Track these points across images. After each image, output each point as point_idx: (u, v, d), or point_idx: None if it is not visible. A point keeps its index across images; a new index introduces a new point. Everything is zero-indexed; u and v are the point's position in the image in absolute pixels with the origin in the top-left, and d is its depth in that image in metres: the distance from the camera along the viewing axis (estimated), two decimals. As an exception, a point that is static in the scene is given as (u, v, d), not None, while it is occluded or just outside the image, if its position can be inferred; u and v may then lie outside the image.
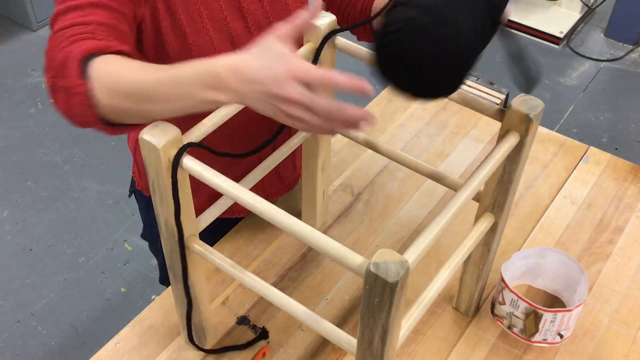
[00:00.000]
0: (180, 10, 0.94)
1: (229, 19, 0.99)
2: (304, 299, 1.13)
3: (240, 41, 1.01)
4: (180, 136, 0.78)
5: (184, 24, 0.95)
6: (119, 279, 2.19)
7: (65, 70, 0.77)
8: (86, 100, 0.76)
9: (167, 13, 0.94)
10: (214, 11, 0.98)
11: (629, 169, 1.38)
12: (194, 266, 0.92)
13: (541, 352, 1.06)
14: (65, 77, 0.77)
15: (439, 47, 0.69)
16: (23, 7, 3.12)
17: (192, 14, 0.96)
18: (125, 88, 0.75)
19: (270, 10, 1.03)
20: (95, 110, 0.77)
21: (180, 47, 0.96)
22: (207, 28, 0.97)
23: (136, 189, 1.27)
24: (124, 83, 0.75)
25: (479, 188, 0.80)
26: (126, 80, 0.75)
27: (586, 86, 3.04)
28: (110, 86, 0.75)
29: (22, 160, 2.58)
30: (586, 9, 3.40)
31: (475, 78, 1.66)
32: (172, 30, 0.95)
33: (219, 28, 0.99)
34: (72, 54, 0.77)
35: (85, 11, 0.83)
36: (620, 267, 1.20)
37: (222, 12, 0.98)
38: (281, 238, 1.23)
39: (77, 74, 0.76)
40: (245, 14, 1.01)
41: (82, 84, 0.75)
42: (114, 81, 0.75)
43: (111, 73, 0.76)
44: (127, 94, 0.75)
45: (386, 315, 0.68)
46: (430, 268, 1.18)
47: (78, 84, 0.75)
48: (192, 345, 1.04)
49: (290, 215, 0.72)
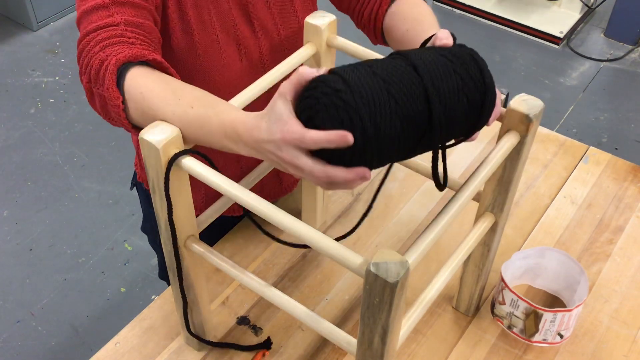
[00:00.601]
0: (189, 6, 0.95)
1: (237, 22, 1.00)
2: (304, 299, 1.13)
3: (246, 45, 1.02)
4: (180, 136, 0.78)
5: (192, 20, 0.96)
6: (119, 279, 2.19)
7: (101, 79, 0.80)
8: (121, 111, 0.80)
9: (177, 7, 0.94)
10: (223, 12, 0.98)
11: (629, 169, 1.38)
12: (194, 266, 0.92)
13: (541, 352, 1.06)
14: (101, 85, 0.81)
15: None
16: (23, 7, 3.12)
17: (201, 12, 0.96)
18: (153, 117, 0.79)
19: (278, 17, 1.04)
20: (129, 118, 0.82)
21: (186, 43, 0.96)
22: (214, 27, 0.98)
23: (137, 181, 1.27)
24: (152, 112, 0.79)
25: (479, 188, 0.80)
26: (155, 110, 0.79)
27: (586, 86, 3.04)
28: (140, 109, 0.80)
29: (22, 160, 2.58)
30: (586, 9, 3.40)
31: (475, 78, 1.65)
32: (180, 25, 0.95)
33: (226, 29, 0.99)
34: (107, 64, 0.80)
35: (110, 10, 0.84)
36: (620, 267, 1.20)
37: (230, 13, 0.99)
38: (281, 238, 1.23)
39: (113, 86, 0.79)
40: (253, 19, 1.02)
41: (118, 96, 0.79)
42: (144, 106, 0.79)
43: (142, 97, 0.79)
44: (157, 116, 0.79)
45: (386, 315, 0.68)
46: (430, 268, 1.18)
47: (115, 96, 0.80)
48: (194, 337, 1.04)
49: (290, 215, 0.72)
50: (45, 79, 2.96)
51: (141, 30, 0.85)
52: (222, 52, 1.00)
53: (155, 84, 0.80)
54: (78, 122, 2.75)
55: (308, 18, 0.94)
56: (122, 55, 0.80)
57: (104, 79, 0.80)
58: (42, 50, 3.10)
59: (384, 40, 1.05)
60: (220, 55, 1.00)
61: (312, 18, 0.94)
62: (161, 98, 0.79)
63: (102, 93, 0.81)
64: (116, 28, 0.83)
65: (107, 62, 0.80)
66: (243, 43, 1.02)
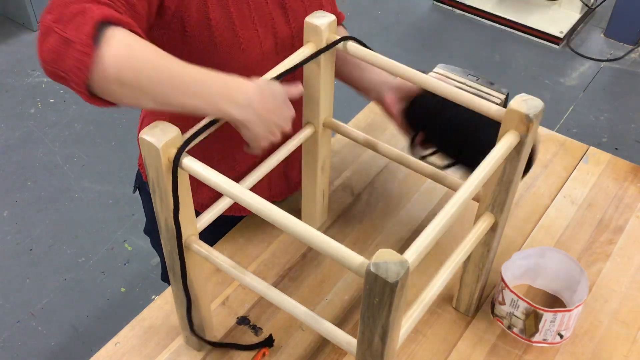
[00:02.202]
0: (231, 2, 0.95)
1: (274, 15, 1.00)
2: (304, 299, 1.13)
3: (282, 36, 1.02)
4: (180, 136, 0.78)
5: (234, 16, 0.95)
6: (119, 279, 2.19)
7: (76, 21, 0.72)
8: (87, 63, 0.71)
9: (219, 5, 0.93)
10: (261, 5, 0.99)
11: (629, 169, 1.38)
12: (194, 266, 0.92)
13: (541, 352, 1.06)
14: (73, 28, 0.72)
15: None
16: (23, 7, 3.12)
17: (241, 8, 0.96)
18: (143, 65, 0.74)
19: (309, 6, 1.05)
20: (89, 76, 0.72)
21: (230, 40, 0.96)
22: (254, 22, 0.98)
23: (142, 182, 1.26)
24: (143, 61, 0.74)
25: (479, 188, 0.80)
26: (147, 58, 0.74)
27: (586, 86, 3.04)
28: (126, 59, 0.73)
29: (22, 160, 2.58)
30: (586, 9, 3.40)
31: (475, 78, 1.65)
32: (223, 22, 0.94)
33: (264, 22, 0.99)
34: (90, 12, 0.72)
35: None
36: (620, 267, 1.20)
37: (267, 7, 1.00)
38: (281, 238, 1.23)
39: (90, 34, 0.71)
40: (288, 10, 1.02)
41: (91, 44, 0.71)
42: (132, 55, 0.73)
43: (131, 46, 0.74)
44: (144, 71, 0.74)
45: (386, 315, 0.68)
46: (430, 268, 1.18)
47: (87, 43, 0.71)
48: (195, 337, 1.04)
49: (290, 215, 0.72)
50: (45, 79, 2.96)
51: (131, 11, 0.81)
52: (262, 47, 1.00)
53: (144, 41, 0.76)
54: (78, 122, 2.75)
55: (308, 18, 0.94)
56: (108, 12, 0.74)
57: (80, 23, 0.72)
58: (42, 50, 3.10)
59: None
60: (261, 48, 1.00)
61: (312, 18, 0.94)
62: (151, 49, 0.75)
63: (70, 36, 0.71)
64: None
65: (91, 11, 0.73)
66: (280, 35, 1.02)
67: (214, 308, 1.11)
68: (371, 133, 1.44)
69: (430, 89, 0.91)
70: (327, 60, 0.98)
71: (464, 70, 1.67)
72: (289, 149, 1.05)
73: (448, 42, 3.30)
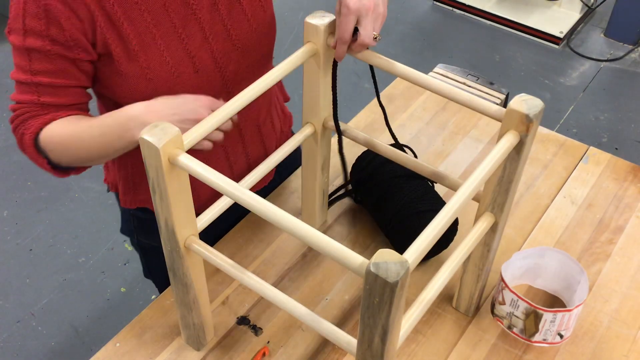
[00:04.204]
0: (132, 35, 0.95)
1: (184, 35, 0.99)
2: (304, 299, 1.13)
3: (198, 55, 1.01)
4: (180, 136, 0.78)
5: (137, 48, 0.96)
6: (119, 279, 2.19)
7: (25, 146, 1.01)
8: (49, 168, 1.02)
9: (119, 40, 0.95)
10: (166, 29, 0.98)
11: (629, 169, 1.38)
12: (194, 266, 0.92)
13: (541, 352, 1.06)
14: (26, 151, 1.01)
15: None
16: (23, 7, 3.11)
17: (143, 37, 0.96)
18: (70, 152, 0.98)
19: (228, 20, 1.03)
20: (53, 166, 1.02)
21: (135, 71, 0.98)
22: (160, 49, 0.98)
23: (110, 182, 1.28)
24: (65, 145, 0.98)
25: (479, 188, 0.80)
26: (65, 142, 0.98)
27: (586, 86, 3.04)
28: (59, 154, 0.99)
29: (22, 160, 2.58)
30: (586, 9, 3.40)
31: (475, 78, 1.66)
32: (125, 55, 0.96)
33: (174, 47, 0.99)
34: (25, 136, 0.99)
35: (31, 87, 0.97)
36: (620, 267, 1.20)
37: (175, 30, 0.99)
38: (281, 238, 1.23)
39: (35, 153, 1.00)
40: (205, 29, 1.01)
41: (42, 159, 1.00)
42: (60, 150, 0.98)
43: (54, 146, 0.98)
44: (70, 152, 0.98)
45: (386, 315, 0.68)
46: (430, 268, 1.18)
47: (39, 159, 1.01)
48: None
49: (290, 215, 0.72)
50: (45, 79, 2.95)
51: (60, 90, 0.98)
52: (174, 69, 1.00)
53: (58, 128, 0.98)
54: (78, 122, 2.75)
55: (308, 18, 0.94)
56: (35, 128, 0.98)
57: (26, 146, 1.00)
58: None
59: None
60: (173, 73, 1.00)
61: (312, 18, 0.94)
62: (69, 132, 0.97)
63: (28, 155, 1.01)
64: (32, 105, 0.98)
65: (26, 135, 0.99)
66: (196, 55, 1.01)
67: (214, 308, 1.12)
68: (371, 133, 1.44)
69: (430, 89, 0.91)
70: (327, 61, 0.98)
71: (464, 70, 1.67)
72: (288, 149, 1.05)
73: (448, 42, 3.30)
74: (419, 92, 1.55)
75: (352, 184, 1.25)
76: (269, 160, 1.03)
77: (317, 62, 0.97)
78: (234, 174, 1.18)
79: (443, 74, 1.66)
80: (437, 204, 1.14)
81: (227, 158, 1.16)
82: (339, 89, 1.04)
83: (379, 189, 1.17)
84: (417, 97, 1.54)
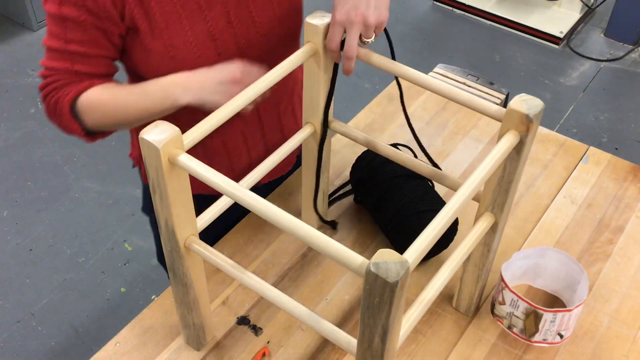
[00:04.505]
0: (158, 13, 0.97)
1: (209, 17, 1.01)
2: (304, 299, 1.13)
3: (221, 38, 1.03)
4: (180, 136, 0.78)
5: (162, 25, 0.98)
6: (119, 279, 2.19)
7: (59, 112, 1.02)
8: (82, 132, 1.04)
9: (145, 16, 0.98)
10: (192, 10, 1.00)
11: (629, 169, 1.38)
12: (194, 266, 0.92)
13: (541, 352, 1.06)
14: (59, 117, 1.03)
15: None
16: (23, 7, 3.12)
17: (169, 15, 0.98)
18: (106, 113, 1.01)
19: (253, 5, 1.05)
20: (86, 132, 1.04)
21: (158, 47, 1.00)
22: (185, 28, 1.00)
23: None
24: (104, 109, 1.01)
25: (479, 188, 0.80)
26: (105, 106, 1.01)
27: (586, 86, 3.04)
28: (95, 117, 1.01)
29: (22, 160, 2.58)
30: (586, 9, 3.40)
31: (475, 78, 1.66)
32: (150, 31, 0.98)
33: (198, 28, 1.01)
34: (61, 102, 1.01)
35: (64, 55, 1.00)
36: (620, 267, 1.20)
37: (201, 12, 1.00)
38: (281, 238, 1.23)
39: (70, 117, 1.02)
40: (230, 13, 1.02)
41: (76, 124, 1.02)
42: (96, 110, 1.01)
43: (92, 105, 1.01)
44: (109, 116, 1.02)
45: (386, 315, 0.68)
46: (430, 268, 1.18)
47: (73, 124, 1.03)
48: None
49: (290, 215, 0.72)
50: (45, 79, 2.95)
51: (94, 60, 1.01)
52: (197, 51, 1.02)
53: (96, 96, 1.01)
54: (78, 122, 2.75)
55: (308, 18, 0.94)
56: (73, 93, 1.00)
57: (61, 112, 1.02)
58: (42, 50, 3.10)
59: None
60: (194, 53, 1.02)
61: (312, 18, 0.94)
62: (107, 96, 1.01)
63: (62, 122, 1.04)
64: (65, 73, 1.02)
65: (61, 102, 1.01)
66: (219, 37, 1.03)
67: (214, 308, 1.12)
68: (371, 133, 1.44)
69: (430, 89, 0.91)
70: (327, 61, 0.98)
71: (464, 70, 1.67)
72: (288, 149, 1.05)
73: (448, 42, 3.30)
74: (419, 92, 1.55)
75: (352, 184, 1.25)
76: (269, 159, 1.03)
77: (317, 62, 0.97)
78: (251, 158, 1.20)
79: (443, 74, 1.66)
80: (437, 204, 1.14)
81: (245, 142, 1.18)
82: (339, 88, 1.04)
83: (379, 189, 1.17)
84: (417, 97, 1.54)
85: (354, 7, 0.91)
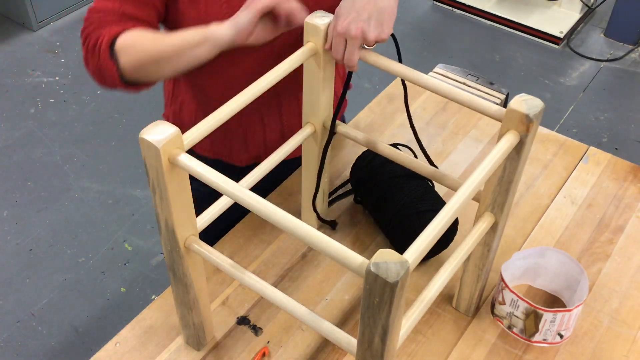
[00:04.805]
0: None
1: None
2: (304, 299, 1.13)
3: None
4: (180, 136, 0.78)
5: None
6: (119, 279, 2.19)
7: (97, 51, 1.02)
8: (115, 74, 1.02)
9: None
10: None
11: (629, 169, 1.38)
12: (194, 266, 0.92)
13: (541, 352, 1.06)
14: (97, 56, 1.02)
15: None
16: (23, 7, 3.12)
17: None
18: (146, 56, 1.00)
19: None
20: (122, 78, 1.02)
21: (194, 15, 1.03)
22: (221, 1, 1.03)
23: None
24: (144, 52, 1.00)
25: (479, 188, 0.80)
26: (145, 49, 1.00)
27: (586, 86, 3.04)
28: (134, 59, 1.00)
29: (22, 160, 2.58)
30: (586, 9, 3.40)
31: (475, 78, 1.66)
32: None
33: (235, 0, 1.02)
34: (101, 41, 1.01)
35: None
36: (620, 267, 1.20)
37: None
38: (281, 238, 1.23)
39: (107, 56, 1.00)
40: None
41: (112, 63, 1.01)
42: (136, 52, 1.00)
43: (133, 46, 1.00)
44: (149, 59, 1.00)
45: (386, 315, 0.68)
46: (430, 268, 1.18)
47: (108, 63, 1.01)
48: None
49: (290, 216, 0.72)
50: (45, 79, 2.96)
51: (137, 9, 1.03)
52: None
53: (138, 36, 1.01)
54: (78, 122, 2.75)
55: (308, 18, 0.94)
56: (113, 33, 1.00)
57: (99, 50, 1.01)
58: (42, 50, 3.10)
59: None
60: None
61: (312, 18, 0.94)
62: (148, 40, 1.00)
63: (98, 62, 1.02)
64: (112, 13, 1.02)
65: (100, 41, 1.01)
66: None
67: (214, 308, 1.12)
68: (371, 133, 1.44)
69: (430, 89, 0.91)
70: (327, 61, 0.98)
71: (464, 70, 1.67)
72: (288, 149, 1.05)
73: (448, 42, 3.30)
74: (419, 92, 1.55)
75: (352, 184, 1.25)
76: (269, 160, 1.03)
77: (317, 62, 0.97)
78: (266, 139, 1.23)
79: (443, 74, 1.66)
80: (437, 204, 1.14)
81: (261, 121, 1.21)
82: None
83: (379, 189, 1.17)
84: (417, 97, 1.54)
85: (354, 20, 0.90)
